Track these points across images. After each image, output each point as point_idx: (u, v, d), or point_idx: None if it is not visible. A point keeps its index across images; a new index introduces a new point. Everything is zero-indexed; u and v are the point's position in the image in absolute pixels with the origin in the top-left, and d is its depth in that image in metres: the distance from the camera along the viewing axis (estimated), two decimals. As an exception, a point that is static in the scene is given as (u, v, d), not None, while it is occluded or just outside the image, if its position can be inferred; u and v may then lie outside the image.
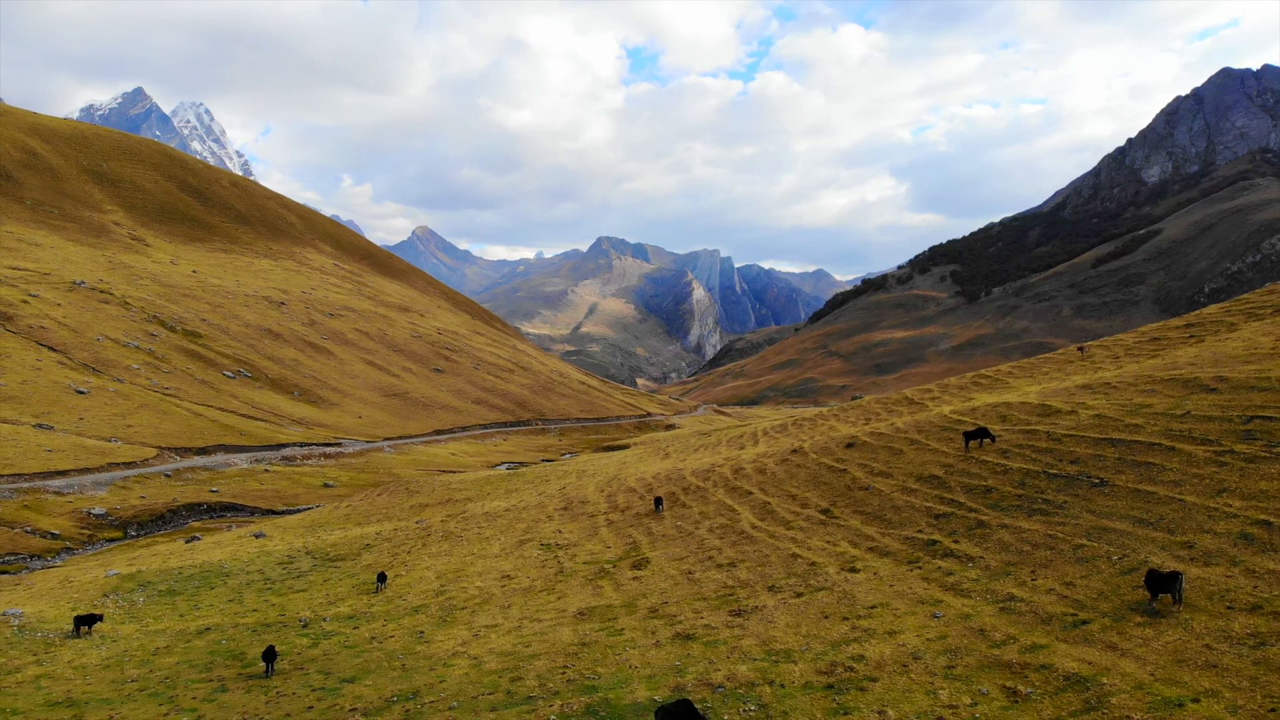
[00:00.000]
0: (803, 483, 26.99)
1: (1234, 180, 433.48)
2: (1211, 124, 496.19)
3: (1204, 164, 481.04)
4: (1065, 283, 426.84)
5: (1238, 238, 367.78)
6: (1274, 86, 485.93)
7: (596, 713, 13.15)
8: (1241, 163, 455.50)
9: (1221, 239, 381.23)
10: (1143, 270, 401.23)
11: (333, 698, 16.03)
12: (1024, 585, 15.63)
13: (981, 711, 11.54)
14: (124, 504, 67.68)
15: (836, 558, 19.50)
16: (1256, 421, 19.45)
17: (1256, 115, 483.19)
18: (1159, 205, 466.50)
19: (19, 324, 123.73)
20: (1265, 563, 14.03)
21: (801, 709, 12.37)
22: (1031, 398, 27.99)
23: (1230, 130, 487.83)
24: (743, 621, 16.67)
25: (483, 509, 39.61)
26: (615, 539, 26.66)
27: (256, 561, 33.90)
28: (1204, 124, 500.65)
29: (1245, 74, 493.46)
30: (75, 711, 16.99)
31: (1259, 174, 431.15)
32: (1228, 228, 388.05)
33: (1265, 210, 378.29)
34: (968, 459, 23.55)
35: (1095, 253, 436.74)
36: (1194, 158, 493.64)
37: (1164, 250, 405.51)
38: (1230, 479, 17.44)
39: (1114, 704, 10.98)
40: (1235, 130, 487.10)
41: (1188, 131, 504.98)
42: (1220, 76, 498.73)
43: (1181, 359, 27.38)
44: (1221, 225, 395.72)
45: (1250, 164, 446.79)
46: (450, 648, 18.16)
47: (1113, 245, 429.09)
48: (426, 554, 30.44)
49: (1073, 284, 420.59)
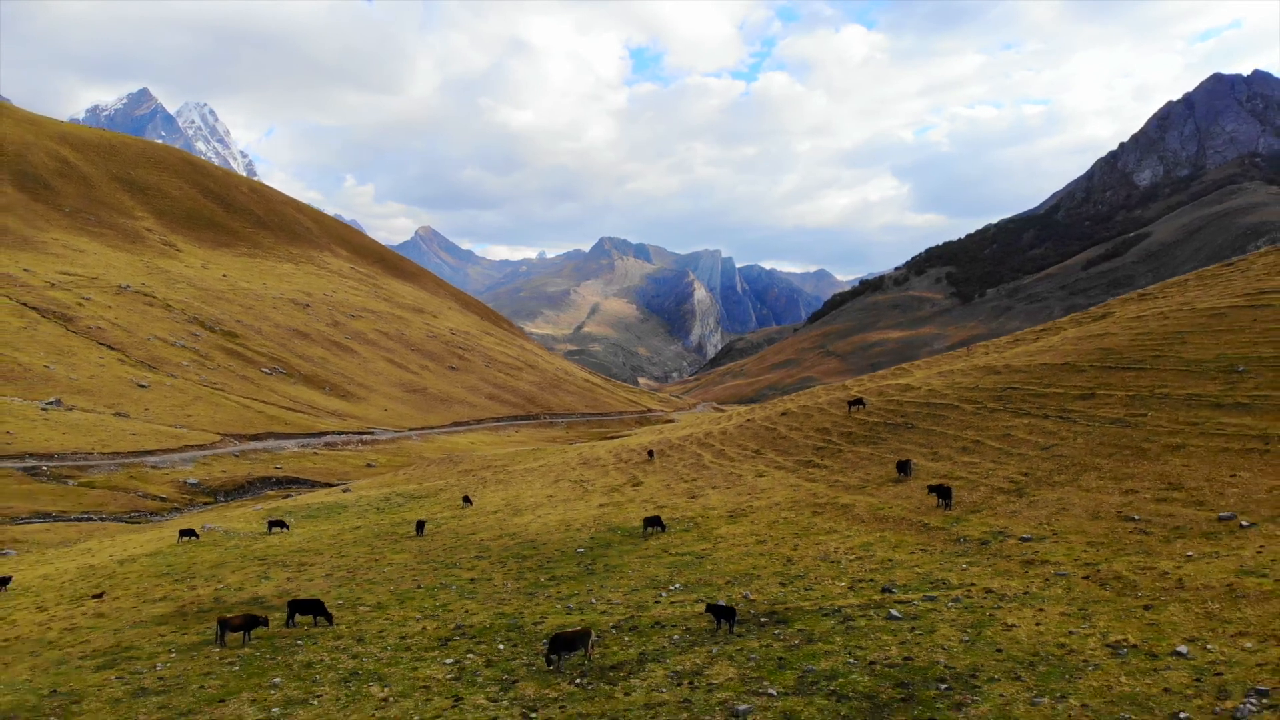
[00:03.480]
0: (748, 437, 40.14)
1: (1223, 184, 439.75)
2: (1202, 128, 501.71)
3: (1194, 168, 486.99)
4: (1057, 284, 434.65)
5: (1224, 241, 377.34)
6: (1264, 92, 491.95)
7: (615, 530, 26.32)
8: (1230, 167, 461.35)
9: (1209, 242, 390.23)
10: (1132, 272, 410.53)
11: (464, 539, 29.19)
12: (845, 476, 28.82)
13: (797, 517, 24.62)
14: (210, 476, 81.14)
15: (754, 472, 32.74)
16: (1009, 391, 32.55)
17: (1246, 120, 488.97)
18: (1150, 208, 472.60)
19: (79, 325, 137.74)
20: (964, 458, 27.12)
21: (714, 523, 25.48)
22: (907, 380, 41.20)
23: (1220, 135, 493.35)
24: (693, 500, 29.89)
25: (522, 467, 52.96)
26: (620, 475, 39.84)
27: (360, 501, 47.04)
28: (1195, 128, 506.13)
29: (1236, 79, 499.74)
30: (315, 550, 30.14)
31: (1247, 178, 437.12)
32: (1215, 231, 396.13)
33: (1252, 214, 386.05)
34: (848, 418, 36.78)
35: (1087, 255, 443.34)
36: (1185, 161, 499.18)
37: (1153, 253, 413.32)
38: (977, 421, 30.54)
39: (856, 512, 24.03)
40: (1225, 135, 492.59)
41: (1179, 136, 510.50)
42: (1211, 82, 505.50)
43: (1007, 354, 40.51)
44: (1209, 228, 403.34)
45: (1239, 168, 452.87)
46: (525, 520, 31.45)
47: (1104, 248, 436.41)
48: (488, 491, 43.68)
49: (1064, 285, 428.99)
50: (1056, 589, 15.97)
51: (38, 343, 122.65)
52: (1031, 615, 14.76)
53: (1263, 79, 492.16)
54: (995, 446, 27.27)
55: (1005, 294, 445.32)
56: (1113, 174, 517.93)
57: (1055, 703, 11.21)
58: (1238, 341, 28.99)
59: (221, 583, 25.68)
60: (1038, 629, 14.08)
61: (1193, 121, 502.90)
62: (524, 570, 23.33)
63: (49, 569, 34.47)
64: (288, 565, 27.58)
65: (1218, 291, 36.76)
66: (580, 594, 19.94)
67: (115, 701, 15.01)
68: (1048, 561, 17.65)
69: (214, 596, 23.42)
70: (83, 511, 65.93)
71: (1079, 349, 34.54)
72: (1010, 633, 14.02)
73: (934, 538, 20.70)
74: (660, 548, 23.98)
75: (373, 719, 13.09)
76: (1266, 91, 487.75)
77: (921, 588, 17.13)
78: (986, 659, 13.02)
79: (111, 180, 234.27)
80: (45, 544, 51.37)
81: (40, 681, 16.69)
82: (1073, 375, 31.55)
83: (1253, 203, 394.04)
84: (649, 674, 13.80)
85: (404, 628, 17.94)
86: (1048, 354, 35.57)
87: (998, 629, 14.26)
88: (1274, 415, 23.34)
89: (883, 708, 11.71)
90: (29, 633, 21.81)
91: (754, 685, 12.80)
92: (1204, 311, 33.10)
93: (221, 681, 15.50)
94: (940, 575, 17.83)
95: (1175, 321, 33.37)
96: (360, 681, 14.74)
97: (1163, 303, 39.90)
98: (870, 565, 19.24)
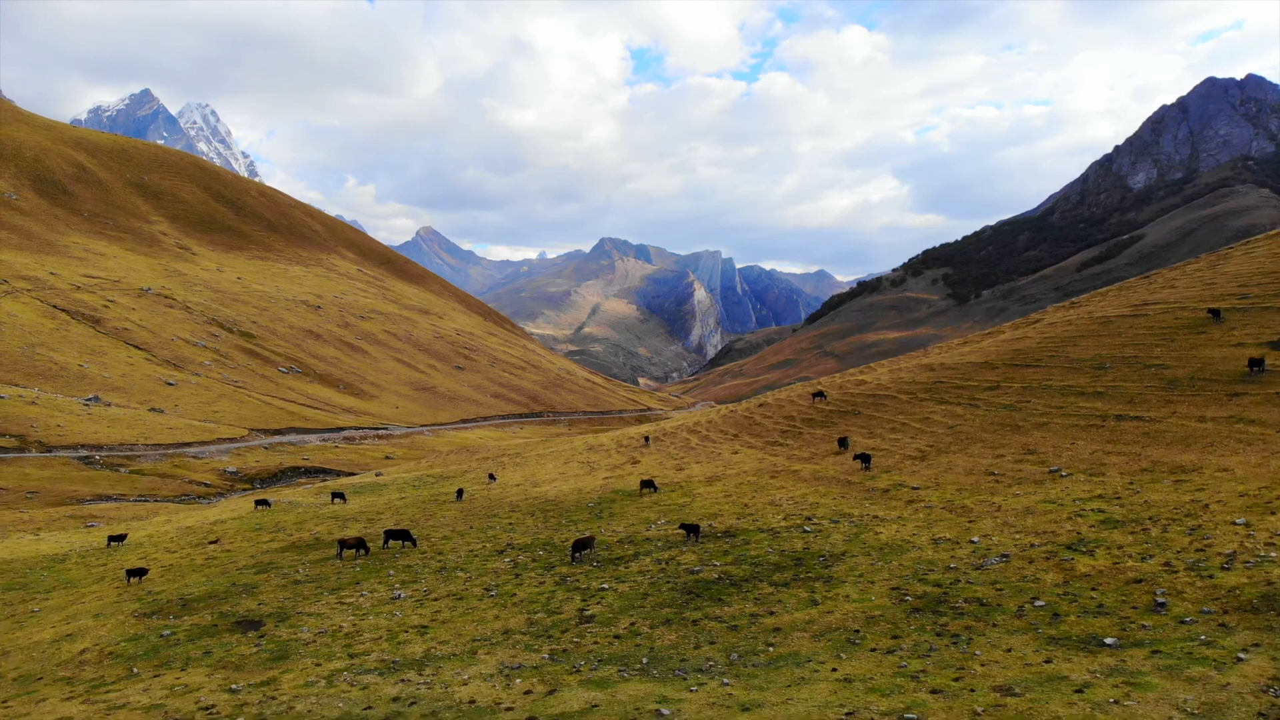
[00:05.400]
0: (729, 425, 47.69)
1: (1215, 187, 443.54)
2: (1196, 132, 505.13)
3: (1188, 171, 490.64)
4: (1051, 285, 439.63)
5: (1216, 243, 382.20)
6: (1256, 95, 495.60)
7: (618, 492, 33.86)
8: (1223, 170, 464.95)
9: (1200, 244, 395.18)
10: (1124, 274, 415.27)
11: (497, 503, 36.72)
12: (800, 451, 36.33)
13: (758, 480, 32.13)
14: (245, 465, 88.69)
15: (730, 450, 40.28)
16: (937, 384, 40.05)
17: (1239, 124, 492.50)
18: (1143, 211, 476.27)
19: (107, 326, 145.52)
20: (891, 435, 34.61)
21: (695, 486, 33.01)
22: (864, 377, 48.74)
23: (1214, 138, 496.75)
24: (680, 471, 37.44)
25: (534, 454, 60.55)
26: (621, 456, 47.38)
27: (396, 481, 54.57)
28: (1189, 132, 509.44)
29: (1229, 83, 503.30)
30: (376, 512, 37.65)
31: (1240, 181, 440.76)
32: (1207, 233, 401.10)
33: (1243, 216, 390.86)
34: (811, 407, 44.33)
35: (1080, 257, 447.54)
36: (1178, 165, 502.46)
37: (1146, 255, 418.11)
38: (908, 408, 38.01)
39: (801, 475, 31.51)
40: (1218, 138, 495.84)
41: (1173, 139, 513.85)
42: (1205, 86, 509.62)
43: (950, 354, 47.99)
44: (1201, 231, 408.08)
45: (1232, 171, 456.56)
46: (544, 489, 39.00)
47: (1097, 250, 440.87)
48: (508, 471, 51.23)
49: (1058, 287, 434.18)
50: (920, 514, 23.45)
51: (71, 343, 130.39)
52: (896, 528, 22.25)
53: (1256, 83, 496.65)
54: (916, 426, 34.75)
55: (1000, 295, 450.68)
56: (1107, 177, 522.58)
57: (875, 563, 18.72)
58: (1112, 344, 36.40)
59: (311, 532, 33.16)
60: (896, 534, 21.57)
61: (1186, 125, 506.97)
62: (548, 517, 30.85)
63: (149, 531, 41.90)
64: (359, 520, 35.05)
65: (1119, 302, 44.25)
66: (593, 528, 27.44)
67: (281, 586, 22.46)
68: (924, 501, 25.12)
69: (314, 537, 30.92)
70: (139, 495, 73.53)
71: (999, 350, 42.06)
72: (877, 536, 21.51)
73: (852, 489, 28.15)
74: (652, 502, 31.48)
75: (464, 588, 20.59)
76: (1259, 95, 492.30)
77: (831, 517, 24.63)
78: (855, 548, 20.49)
79: (126, 185, 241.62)
80: (119, 519, 58.86)
81: (218, 581, 24.16)
82: (987, 371, 39.03)
83: (1244, 205, 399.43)
84: (639, 560, 21.33)
85: (470, 546, 25.45)
86: (975, 354, 43.11)
87: (870, 534, 21.75)
88: (1119, 401, 30.80)
89: (783, 568, 19.23)
90: (180, 562, 29.23)
91: (706, 561, 20.33)
92: (1098, 319, 40.56)
93: (352, 575, 22.98)
94: (847, 510, 25.32)
95: (1075, 328, 40.81)
96: (449, 571, 22.25)
97: (1080, 310, 47.38)
98: (802, 506, 26.72)
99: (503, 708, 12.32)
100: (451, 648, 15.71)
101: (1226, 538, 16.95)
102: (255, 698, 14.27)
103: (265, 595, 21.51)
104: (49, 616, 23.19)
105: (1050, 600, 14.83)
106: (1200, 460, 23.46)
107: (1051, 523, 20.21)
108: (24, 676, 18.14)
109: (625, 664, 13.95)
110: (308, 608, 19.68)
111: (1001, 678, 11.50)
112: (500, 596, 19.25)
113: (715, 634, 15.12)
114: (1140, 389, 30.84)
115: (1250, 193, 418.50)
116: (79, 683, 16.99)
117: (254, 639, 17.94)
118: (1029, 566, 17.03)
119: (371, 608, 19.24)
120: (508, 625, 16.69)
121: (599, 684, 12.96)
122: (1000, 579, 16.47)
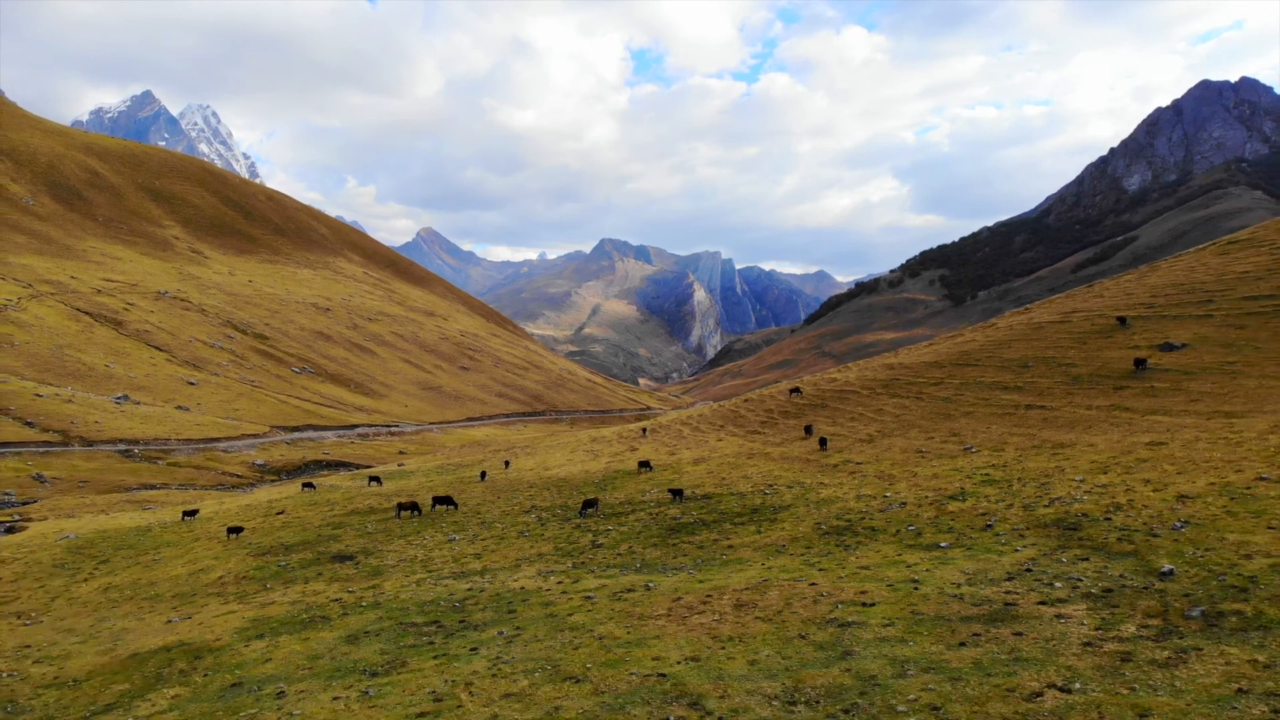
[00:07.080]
0: (717, 418, 54.31)
1: (1209, 189, 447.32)
2: (1190, 134, 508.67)
3: (1182, 173, 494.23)
4: (1045, 287, 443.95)
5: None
6: (1250, 98, 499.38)
7: (619, 472, 40.48)
8: (1217, 172, 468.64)
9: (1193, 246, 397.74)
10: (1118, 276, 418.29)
11: (515, 482, 43.34)
12: (774, 437, 42.90)
13: (737, 460, 38.68)
14: (271, 459, 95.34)
15: (716, 438, 46.89)
16: (893, 381, 46.62)
17: (1233, 126, 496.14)
18: (1138, 213, 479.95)
19: (129, 328, 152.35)
20: (849, 423, 41.15)
21: (684, 466, 39.59)
22: (836, 375, 55.35)
23: (1208, 141, 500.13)
24: (672, 455, 44.07)
25: (544, 445, 67.22)
26: (621, 445, 54.01)
27: (420, 469, 61.19)
28: (1183, 134, 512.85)
29: (1224, 86, 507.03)
30: (412, 491, 44.27)
31: (1233, 183, 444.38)
32: (1200, 235, 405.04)
33: (1236, 219, 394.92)
34: (788, 402, 50.92)
35: (1075, 258, 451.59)
36: (1173, 167, 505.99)
37: (1139, 257, 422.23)
38: (866, 400, 44.56)
39: (772, 456, 38.07)
40: (1213, 141, 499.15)
41: (1167, 141, 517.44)
42: (1199, 88, 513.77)
43: (913, 354, 54.56)
44: (1194, 233, 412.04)
45: (1225, 173, 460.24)
46: (555, 472, 45.65)
47: (1092, 251, 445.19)
48: (521, 460, 57.90)
49: (1052, 288, 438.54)
50: (855, 480, 30.02)
51: (96, 344, 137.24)
52: (833, 490, 28.82)
53: (1250, 85, 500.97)
54: (870, 416, 41.30)
55: (996, 296, 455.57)
56: (1103, 179, 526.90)
57: (810, 511, 25.33)
58: (1038, 347, 42.93)
59: (365, 503, 39.72)
60: (832, 493, 28.14)
61: (1181, 127, 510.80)
62: (561, 490, 37.47)
63: (211, 509, 48.43)
64: (399, 496, 41.64)
65: (1054, 309, 50.83)
66: (599, 496, 34.06)
67: (357, 535, 29.06)
68: (862, 472, 31.66)
69: (368, 507, 37.51)
70: (180, 484, 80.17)
71: (949, 351, 48.66)
72: (818, 495, 28.08)
73: (810, 466, 34.71)
74: (647, 478, 38.07)
75: (503, 533, 27.21)
76: (1253, 98, 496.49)
77: (787, 484, 31.21)
78: (798, 503, 27.08)
79: (139, 190, 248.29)
80: (171, 503, 65.49)
81: (306, 533, 30.73)
82: (935, 369, 45.57)
83: (1238, 208, 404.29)
84: (636, 514, 27.98)
85: (501, 508, 32.10)
86: (929, 355, 49.71)
87: (813, 495, 28.32)
88: (1032, 393, 37.34)
89: (741, 516, 25.87)
90: (261, 525, 35.77)
91: (686, 513, 27.02)
92: (1032, 325, 47.11)
93: (412, 527, 29.61)
94: (801, 480, 31.88)
95: (1013, 332, 47.37)
96: (488, 523, 28.91)
97: (1025, 316, 53.96)
98: (767, 478, 33.28)
99: (544, 590, 18.84)
100: (502, 564, 22.30)
101: (1062, 489, 23.45)
102: (369, 595, 20.82)
103: (348, 541, 28.08)
104: (173, 562, 29.72)
105: (920, 527, 21.35)
106: (1077, 438, 30.00)
107: (947, 483, 26.75)
108: (180, 594, 24.71)
109: (624, 567, 20.52)
110: (385, 546, 26.27)
111: (865, 561, 18.05)
112: (531, 537, 25.84)
113: (687, 551, 21.70)
114: (1050, 384, 37.38)
115: (1244, 195, 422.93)
116: (228, 596, 23.57)
117: (351, 566, 24.52)
118: (917, 508, 23.57)
119: (435, 545, 25.83)
120: (540, 551, 23.29)
121: (607, 577, 19.51)
122: (893, 516, 23.01)
